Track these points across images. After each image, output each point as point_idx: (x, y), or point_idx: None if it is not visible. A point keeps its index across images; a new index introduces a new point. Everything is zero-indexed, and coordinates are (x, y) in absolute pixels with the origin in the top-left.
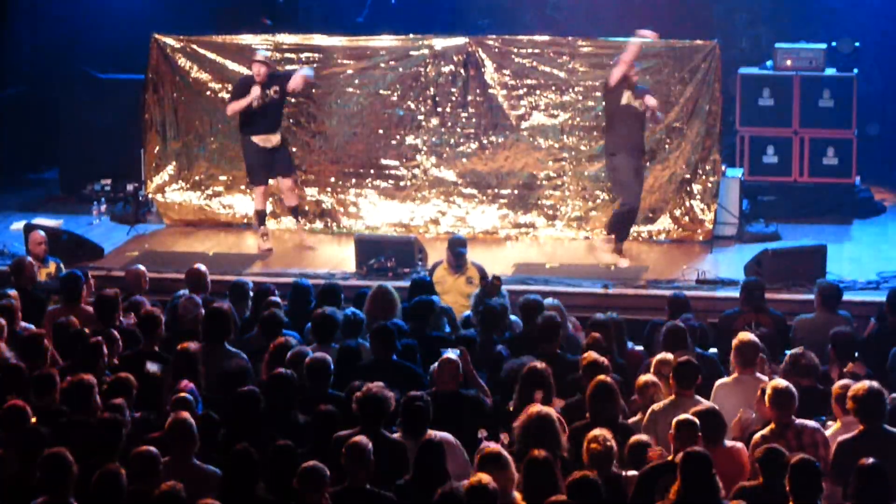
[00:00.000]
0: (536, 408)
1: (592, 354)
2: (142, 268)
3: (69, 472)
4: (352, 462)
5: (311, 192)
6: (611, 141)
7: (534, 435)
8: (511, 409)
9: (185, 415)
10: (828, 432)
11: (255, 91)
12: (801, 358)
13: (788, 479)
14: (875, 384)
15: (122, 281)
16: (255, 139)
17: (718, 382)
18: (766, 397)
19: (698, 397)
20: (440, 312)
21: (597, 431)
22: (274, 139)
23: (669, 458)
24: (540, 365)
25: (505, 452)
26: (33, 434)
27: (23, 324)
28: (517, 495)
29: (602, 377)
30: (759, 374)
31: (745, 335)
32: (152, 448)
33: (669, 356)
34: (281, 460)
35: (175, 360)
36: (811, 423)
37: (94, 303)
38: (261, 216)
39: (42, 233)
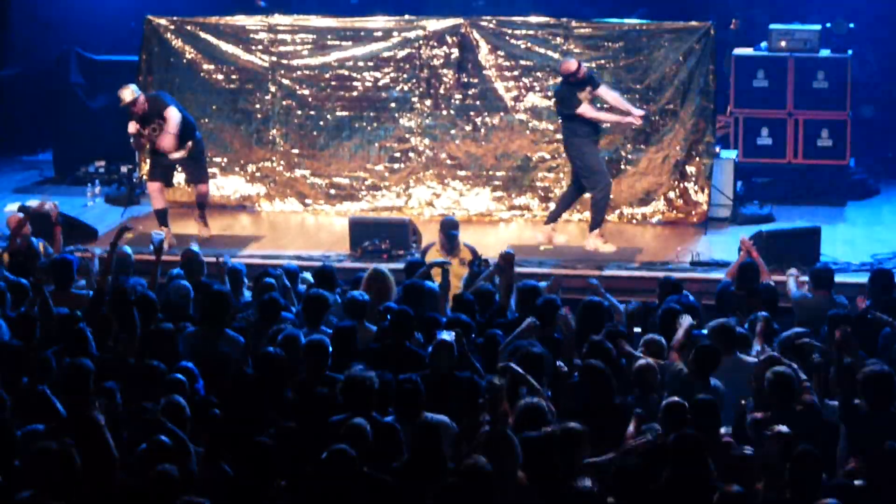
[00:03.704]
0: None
1: (594, 339)
2: (128, 249)
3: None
4: (350, 445)
5: (305, 174)
6: (578, 138)
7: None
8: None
9: (177, 397)
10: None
11: (131, 127)
12: (799, 339)
13: (790, 470)
14: (885, 367)
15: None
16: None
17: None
18: (766, 382)
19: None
20: (434, 294)
21: None
22: (176, 155)
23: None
24: (535, 351)
25: (511, 434)
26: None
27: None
28: (522, 475)
29: (592, 361)
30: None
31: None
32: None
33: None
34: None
35: (151, 340)
36: (806, 407)
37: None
38: (161, 215)
39: (20, 214)
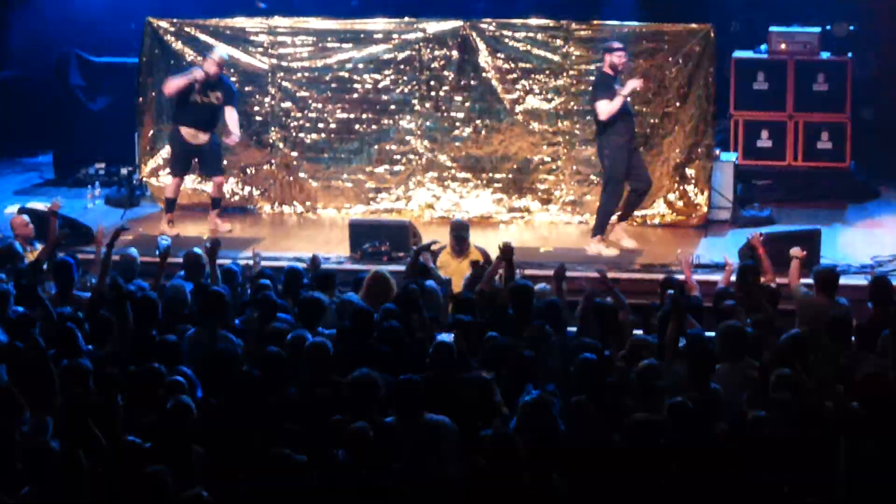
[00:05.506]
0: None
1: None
2: (134, 252)
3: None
4: (352, 447)
5: (305, 176)
6: (615, 136)
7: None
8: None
9: (184, 398)
10: None
11: (199, 73)
12: (802, 339)
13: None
14: (875, 371)
15: (115, 265)
16: (183, 131)
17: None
18: (770, 381)
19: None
20: (434, 295)
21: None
22: (202, 137)
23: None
24: (526, 354)
25: (514, 435)
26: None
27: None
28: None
29: (587, 355)
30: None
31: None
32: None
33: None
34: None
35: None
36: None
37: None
38: (169, 203)
39: (25, 216)
